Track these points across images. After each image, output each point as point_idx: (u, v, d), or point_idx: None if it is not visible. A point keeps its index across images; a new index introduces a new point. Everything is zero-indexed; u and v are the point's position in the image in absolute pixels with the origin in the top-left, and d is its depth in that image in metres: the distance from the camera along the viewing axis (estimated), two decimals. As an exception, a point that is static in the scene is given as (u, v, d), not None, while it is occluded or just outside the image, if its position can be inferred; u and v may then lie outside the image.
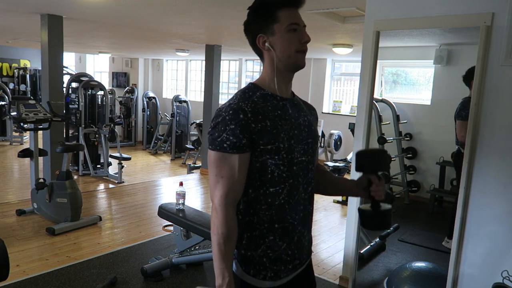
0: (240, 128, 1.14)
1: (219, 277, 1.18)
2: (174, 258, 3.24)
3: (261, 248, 1.23)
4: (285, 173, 1.22)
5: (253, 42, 1.27)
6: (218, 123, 1.17)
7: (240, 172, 1.17)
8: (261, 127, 1.17)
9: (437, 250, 3.84)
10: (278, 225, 1.23)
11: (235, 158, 1.16)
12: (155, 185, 6.43)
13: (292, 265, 1.28)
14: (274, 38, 1.23)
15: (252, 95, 1.22)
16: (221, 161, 1.17)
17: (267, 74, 1.27)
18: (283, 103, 1.26)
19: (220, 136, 1.16)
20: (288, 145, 1.21)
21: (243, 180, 1.19)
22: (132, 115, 10.26)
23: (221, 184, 1.17)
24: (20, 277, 3.06)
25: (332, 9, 3.72)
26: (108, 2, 3.94)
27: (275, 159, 1.19)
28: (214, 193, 1.19)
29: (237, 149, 1.15)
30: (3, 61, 11.26)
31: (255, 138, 1.16)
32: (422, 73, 5.93)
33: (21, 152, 4.44)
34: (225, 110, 1.18)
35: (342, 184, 1.49)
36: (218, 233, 1.17)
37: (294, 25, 1.22)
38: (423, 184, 5.43)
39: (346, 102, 8.22)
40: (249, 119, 1.16)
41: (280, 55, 1.23)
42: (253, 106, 1.18)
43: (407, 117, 5.50)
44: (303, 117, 1.31)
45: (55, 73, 4.85)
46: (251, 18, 1.27)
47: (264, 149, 1.18)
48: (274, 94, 1.25)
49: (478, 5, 2.35)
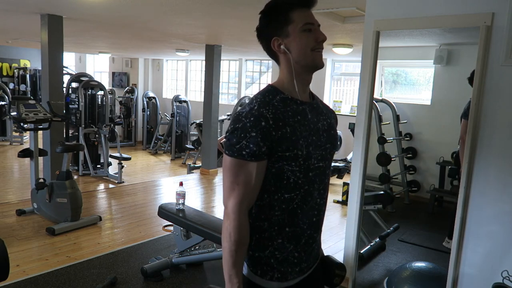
0: (262, 136, 1.12)
1: (228, 283, 1.18)
2: (174, 258, 3.24)
3: (268, 249, 1.22)
4: (300, 180, 1.20)
5: (268, 46, 1.24)
6: (237, 129, 1.13)
7: (257, 180, 1.16)
8: (281, 134, 1.14)
9: (437, 250, 3.84)
10: (289, 229, 1.23)
11: (253, 166, 1.14)
12: (155, 185, 6.43)
13: (299, 268, 1.28)
14: (289, 40, 1.20)
15: (272, 98, 1.19)
16: (238, 168, 1.15)
17: (285, 77, 1.24)
18: (303, 108, 1.23)
19: (239, 142, 1.12)
20: (307, 152, 1.19)
21: (259, 187, 1.18)
22: (132, 115, 10.26)
23: (237, 192, 1.16)
24: (20, 277, 3.06)
25: (332, 9, 3.72)
26: (108, 2, 3.94)
27: (292, 165, 1.18)
28: (228, 199, 1.17)
29: (255, 157, 1.13)
30: (3, 61, 11.26)
31: (274, 145, 1.14)
32: (422, 73, 5.93)
33: (21, 152, 4.44)
34: (245, 115, 1.14)
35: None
36: (230, 240, 1.16)
37: (308, 25, 1.20)
38: (423, 184, 5.43)
39: (346, 102, 8.22)
40: (271, 127, 1.13)
41: (297, 56, 1.20)
42: (274, 111, 1.15)
43: (407, 117, 5.50)
44: (322, 121, 1.28)
45: (55, 73, 4.84)
46: (264, 22, 1.24)
47: (282, 155, 1.16)
48: (294, 98, 1.22)
49: (478, 5, 2.35)
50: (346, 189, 5.28)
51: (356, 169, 2.97)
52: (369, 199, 3.85)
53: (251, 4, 3.62)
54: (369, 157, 2.96)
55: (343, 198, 5.49)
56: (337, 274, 1.39)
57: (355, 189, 2.96)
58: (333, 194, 5.98)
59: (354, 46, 6.02)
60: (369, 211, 3.88)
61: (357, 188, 2.95)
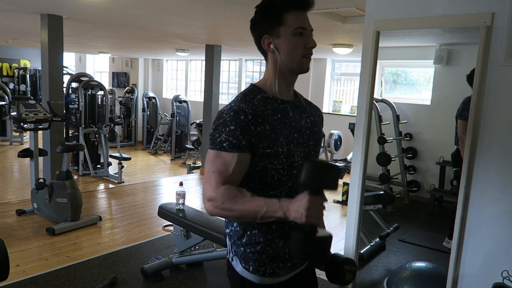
0: (241, 130, 1.14)
1: (279, 211, 1.10)
2: (174, 258, 3.24)
3: (260, 245, 1.24)
4: (284, 177, 1.22)
5: (258, 42, 1.26)
6: (219, 125, 1.17)
7: (235, 171, 1.15)
8: (260, 131, 1.16)
9: (437, 250, 3.84)
10: (275, 226, 1.23)
11: (233, 156, 1.15)
12: (155, 185, 6.43)
13: (290, 263, 1.29)
14: (279, 41, 1.21)
15: (253, 97, 1.22)
16: (217, 158, 1.16)
17: (269, 76, 1.26)
18: (284, 106, 1.25)
19: (220, 136, 1.15)
20: (287, 149, 1.20)
21: (237, 179, 1.17)
22: (132, 115, 10.25)
23: (213, 179, 1.15)
24: (20, 277, 3.07)
25: (332, 9, 3.72)
26: (108, 2, 3.94)
27: (275, 163, 1.19)
28: (205, 188, 1.16)
29: (236, 148, 1.14)
30: (3, 61, 11.26)
31: (254, 141, 1.16)
32: (422, 73, 5.94)
33: (21, 152, 4.44)
34: (226, 112, 1.17)
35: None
36: (230, 207, 1.13)
37: (300, 29, 1.21)
38: (423, 184, 5.44)
39: (346, 102, 8.22)
40: (249, 121, 1.15)
41: (284, 58, 1.22)
42: (254, 108, 1.18)
43: (407, 117, 5.50)
44: (305, 119, 1.30)
45: (55, 73, 4.84)
46: (258, 17, 1.25)
47: (263, 152, 1.17)
48: (275, 97, 1.25)
49: (478, 5, 2.35)
50: (346, 189, 5.28)
51: (356, 169, 2.97)
52: (369, 199, 3.85)
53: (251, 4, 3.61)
54: (369, 157, 2.96)
55: (343, 198, 5.48)
56: (348, 270, 1.33)
57: (355, 189, 2.96)
58: (333, 194, 5.98)
59: (354, 46, 6.01)
60: (369, 211, 3.88)
61: (357, 188, 2.95)
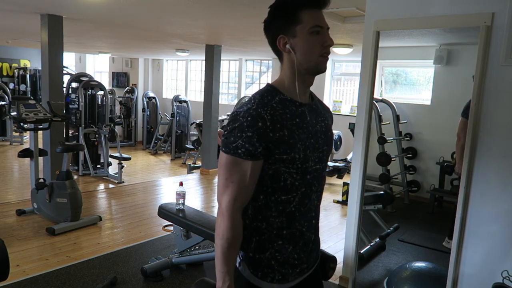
0: (258, 137, 1.11)
1: (219, 280, 1.18)
2: (174, 258, 3.24)
3: (269, 251, 1.22)
4: (297, 182, 1.20)
5: (273, 43, 1.22)
6: (234, 128, 1.12)
7: (251, 179, 1.15)
8: (279, 137, 1.13)
9: (437, 250, 3.84)
10: (287, 232, 1.22)
11: (248, 165, 1.13)
12: (155, 185, 6.43)
13: (299, 269, 1.28)
14: (295, 40, 1.17)
15: (271, 99, 1.17)
16: (233, 166, 1.14)
17: (287, 77, 1.22)
18: (302, 110, 1.22)
19: (235, 141, 1.12)
20: (304, 155, 1.18)
21: (253, 187, 1.18)
22: (132, 115, 10.25)
23: (231, 189, 1.15)
24: (20, 277, 3.06)
25: (332, 9, 3.72)
26: (108, 2, 3.94)
27: (289, 167, 1.17)
28: (222, 196, 1.17)
29: (251, 156, 1.12)
30: (3, 61, 11.26)
31: (271, 146, 1.13)
32: (422, 73, 5.94)
33: (21, 152, 4.44)
34: (243, 115, 1.13)
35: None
36: (223, 237, 1.16)
37: (317, 28, 1.17)
38: (423, 184, 5.43)
39: (346, 102, 8.22)
40: (268, 128, 1.12)
41: (301, 58, 1.18)
42: (272, 113, 1.14)
43: (407, 117, 5.50)
44: (320, 123, 1.28)
45: (55, 73, 4.84)
46: (272, 17, 1.21)
47: (279, 158, 1.15)
48: (293, 100, 1.21)
49: (478, 5, 2.35)
50: (346, 189, 5.28)
51: (356, 169, 2.97)
52: (369, 199, 3.85)
53: (251, 4, 3.62)
54: (369, 157, 2.96)
55: (343, 198, 5.48)
56: (332, 267, 1.46)
57: (355, 189, 2.97)
58: (333, 194, 5.99)
59: (354, 46, 6.02)
60: (369, 211, 3.88)
61: (357, 188, 2.95)
